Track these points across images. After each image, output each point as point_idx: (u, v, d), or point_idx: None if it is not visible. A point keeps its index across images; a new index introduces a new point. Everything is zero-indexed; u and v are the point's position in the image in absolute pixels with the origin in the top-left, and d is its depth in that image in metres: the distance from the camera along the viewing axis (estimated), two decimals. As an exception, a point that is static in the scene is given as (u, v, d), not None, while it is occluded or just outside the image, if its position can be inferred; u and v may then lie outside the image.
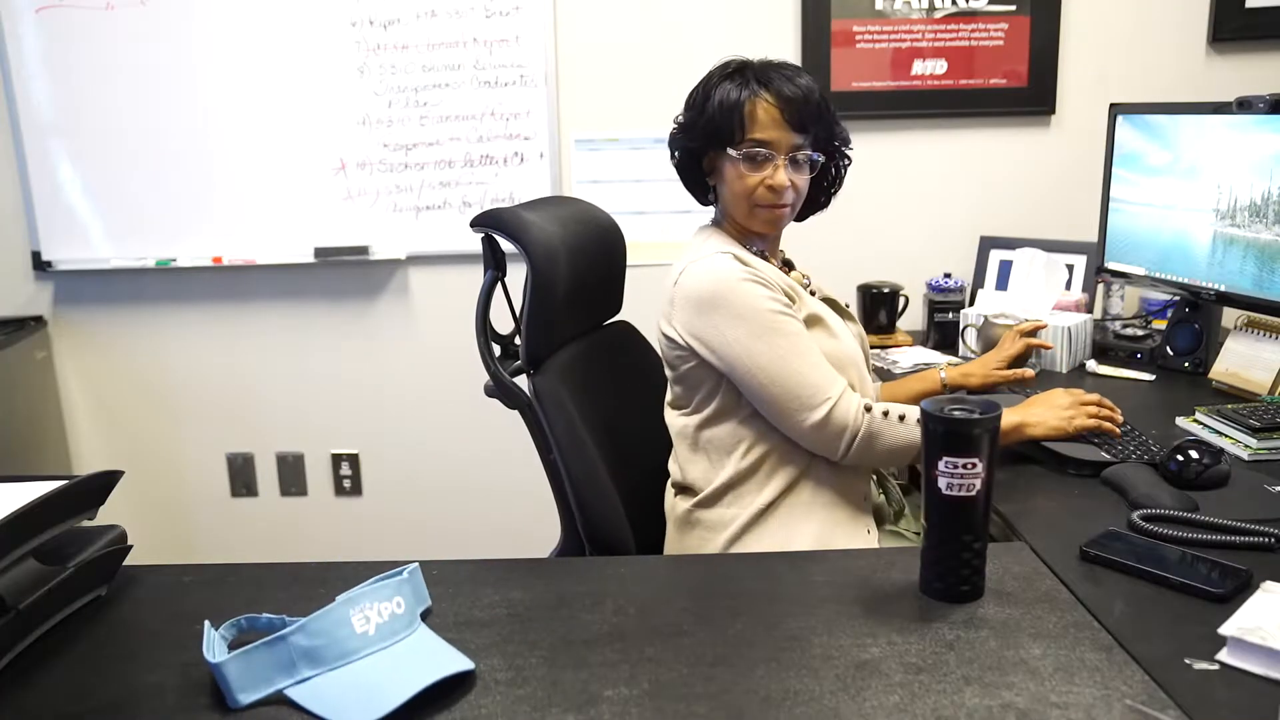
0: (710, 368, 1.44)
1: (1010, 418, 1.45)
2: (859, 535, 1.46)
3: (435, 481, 2.81)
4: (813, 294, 1.56)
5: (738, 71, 1.46)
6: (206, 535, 2.87)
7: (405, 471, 2.82)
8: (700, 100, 1.48)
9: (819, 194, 1.57)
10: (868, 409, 1.40)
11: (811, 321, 1.45)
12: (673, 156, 1.55)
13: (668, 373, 1.54)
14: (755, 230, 1.51)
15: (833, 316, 1.52)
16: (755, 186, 1.45)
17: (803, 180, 1.48)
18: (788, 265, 1.62)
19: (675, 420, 1.53)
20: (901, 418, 1.41)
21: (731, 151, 1.44)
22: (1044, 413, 1.50)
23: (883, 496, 1.62)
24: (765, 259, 1.52)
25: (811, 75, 1.49)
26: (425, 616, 1.06)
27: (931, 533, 1.07)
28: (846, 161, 1.58)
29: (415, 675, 0.90)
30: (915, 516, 1.59)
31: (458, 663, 0.94)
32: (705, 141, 1.48)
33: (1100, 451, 1.50)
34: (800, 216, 1.58)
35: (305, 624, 0.94)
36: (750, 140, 1.43)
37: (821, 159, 1.50)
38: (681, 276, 1.46)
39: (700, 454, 1.49)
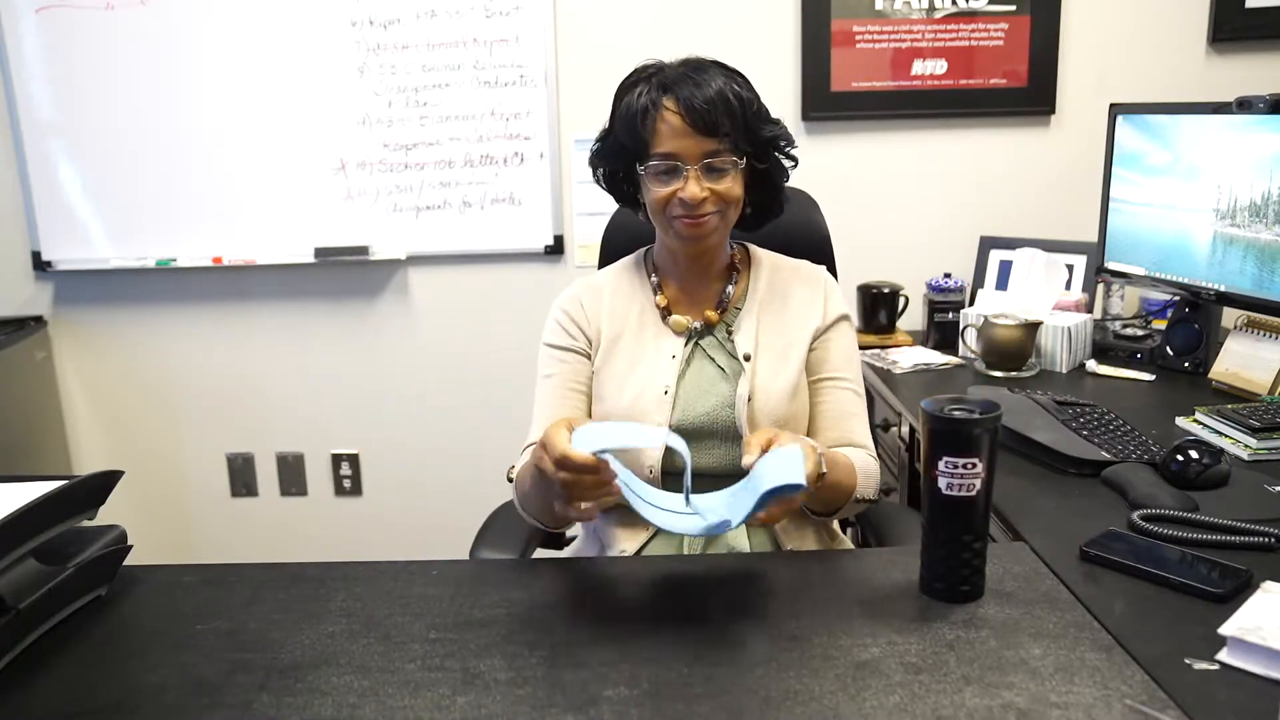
0: None
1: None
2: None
3: (435, 481, 2.82)
4: (729, 334, 1.42)
5: (643, 80, 1.35)
6: (206, 535, 2.87)
7: (405, 471, 2.82)
8: (610, 118, 1.39)
9: (766, 198, 1.42)
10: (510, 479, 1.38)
11: (611, 354, 1.42)
12: (595, 177, 1.45)
13: None
14: (677, 249, 1.41)
15: (644, 367, 1.40)
16: (668, 199, 1.33)
17: (726, 187, 1.33)
18: (721, 303, 1.44)
19: None
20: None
21: (640, 168, 1.34)
22: None
23: None
24: (657, 289, 1.45)
25: (734, 75, 1.35)
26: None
27: (931, 533, 1.07)
28: (791, 163, 1.43)
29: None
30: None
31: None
32: (619, 160, 1.38)
33: (1100, 451, 1.50)
34: (752, 225, 1.45)
35: None
36: (657, 155, 1.32)
37: (743, 162, 1.34)
38: None
39: None
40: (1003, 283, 2.46)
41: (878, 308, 2.43)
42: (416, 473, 2.82)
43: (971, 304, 2.38)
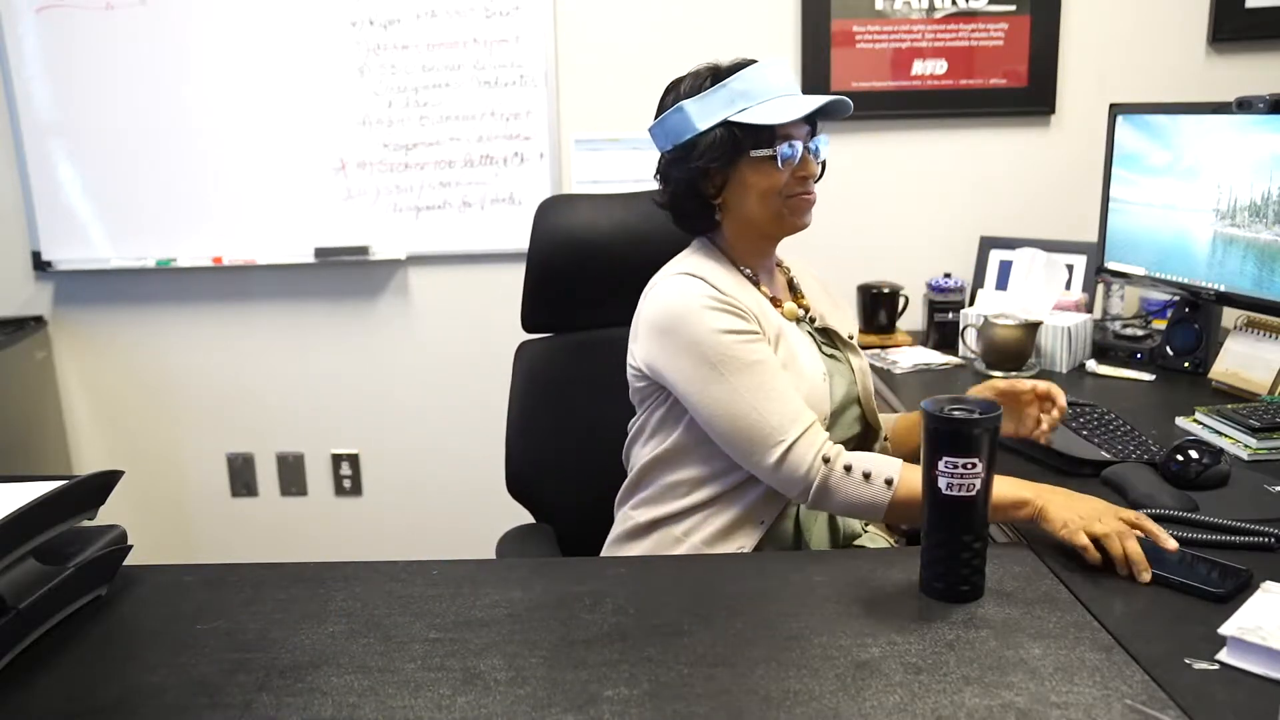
0: (668, 401, 1.40)
1: (1022, 492, 1.22)
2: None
3: (435, 481, 2.82)
4: (812, 320, 1.50)
5: (727, 74, 1.40)
6: (206, 535, 2.87)
7: (405, 471, 2.82)
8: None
9: None
10: (826, 459, 1.28)
11: (779, 341, 1.39)
12: (667, 187, 1.46)
13: (633, 401, 1.48)
14: (781, 232, 1.44)
15: (804, 355, 1.41)
16: (784, 181, 1.39)
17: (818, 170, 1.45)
18: (793, 290, 1.54)
19: (634, 452, 1.49)
20: (866, 475, 1.27)
21: (759, 153, 1.37)
22: (1067, 506, 1.20)
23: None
24: (754, 283, 1.45)
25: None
26: None
27: (931, 533, 1.07)
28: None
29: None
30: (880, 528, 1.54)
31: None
32: (721, 156, 1.39)
33: (1100, 451, 1.50)
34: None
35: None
36: (781, 137, 1.37)
37: (828, 147, 1.45)
38: (644, 300, 1.42)
39: (651, 489, 1.45)
40: (1003, 283, 2.46)
41: (878, 308, 2.43)
42: (416, 473, 2.82)
43: (971, 304, 2.38)
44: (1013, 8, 2.50)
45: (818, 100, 1.38)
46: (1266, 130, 1.82)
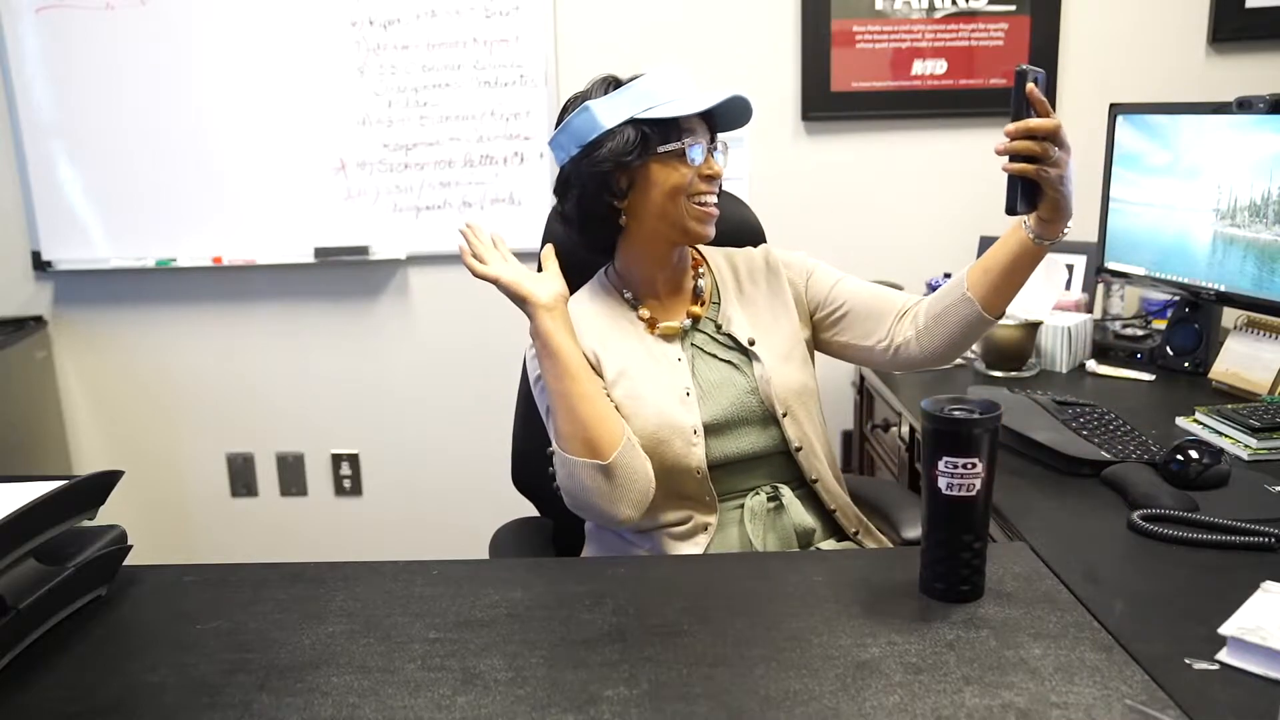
0: None
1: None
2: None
3: (435, 481, 2.82)
4: (719, 327, 1.46)
5: (629, 80, 1.40)
6: (206, 535, 2.87)
7: (405, 471, 2.82)
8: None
9: None
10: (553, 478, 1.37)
11: (620, 376, 1.39)
12: (570, 195, 1.43)
13: None
14: (684, 238, 1.41)
15: (653, 383, 1.39)
16: (690, 179, 1.37)
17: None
18: (696, 296, 1.48)
19: None
20: (549, 456, 1.36)
21: (668, 147, 1.35)
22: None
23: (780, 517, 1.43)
24: (634, 306, 1.45)
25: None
26: None
27: (931, 533, 1.07)
28: None
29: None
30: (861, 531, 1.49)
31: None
32: (631, 152, 1.36)
33: (1100, 451, 1.50)
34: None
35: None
36: (686, 131, 1.36)
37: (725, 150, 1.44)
38: None
39: None
40: (1003, 283, 2.45)
41: (878, 308, 2.43)
42: (416, 473, 2.82)
43: (971, 304, 2.37)
44: (1013, 8, 2.50)
45: (723, 94, 1.37)
46: (1266, 130, 1.82)
